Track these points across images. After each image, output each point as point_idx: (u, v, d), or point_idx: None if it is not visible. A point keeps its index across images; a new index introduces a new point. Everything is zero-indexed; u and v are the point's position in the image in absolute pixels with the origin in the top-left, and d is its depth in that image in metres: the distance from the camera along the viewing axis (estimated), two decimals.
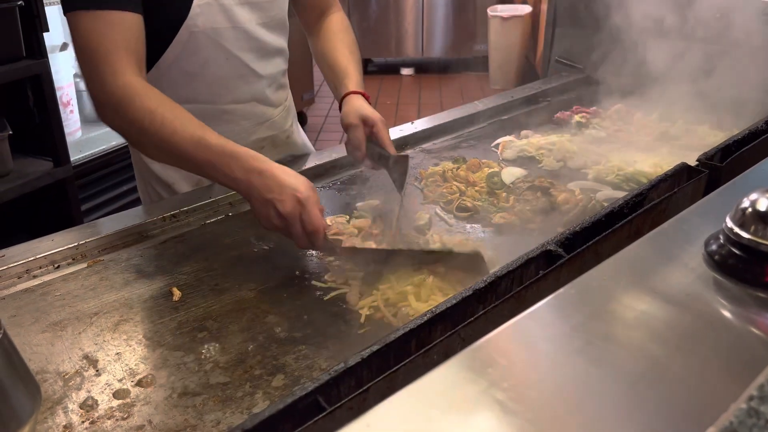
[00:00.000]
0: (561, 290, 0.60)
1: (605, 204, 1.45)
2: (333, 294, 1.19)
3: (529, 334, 0.55)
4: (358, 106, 1.48)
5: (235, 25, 1.44)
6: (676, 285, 0.61)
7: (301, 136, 1.86)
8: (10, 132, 2.67)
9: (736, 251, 0.62)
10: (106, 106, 1.25)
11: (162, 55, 1.41)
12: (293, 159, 1.78)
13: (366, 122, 1.45)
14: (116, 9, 1.23)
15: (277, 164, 1.18)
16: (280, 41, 1.59)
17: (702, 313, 0.57)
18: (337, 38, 1.65)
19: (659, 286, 0.61)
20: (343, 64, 1.59)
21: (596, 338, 0.53)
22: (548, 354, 0.52)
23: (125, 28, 1.24)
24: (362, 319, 1.12)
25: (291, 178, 1.15)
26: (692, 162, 1.21)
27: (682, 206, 1.15)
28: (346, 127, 1.47)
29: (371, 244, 1.31)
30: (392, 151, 1.45)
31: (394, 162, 1.45)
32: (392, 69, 6.97)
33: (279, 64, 1.63)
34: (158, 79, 1.42)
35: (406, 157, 1.49)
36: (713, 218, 0.75)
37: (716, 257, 0.65)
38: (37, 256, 1.31)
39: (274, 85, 1.64)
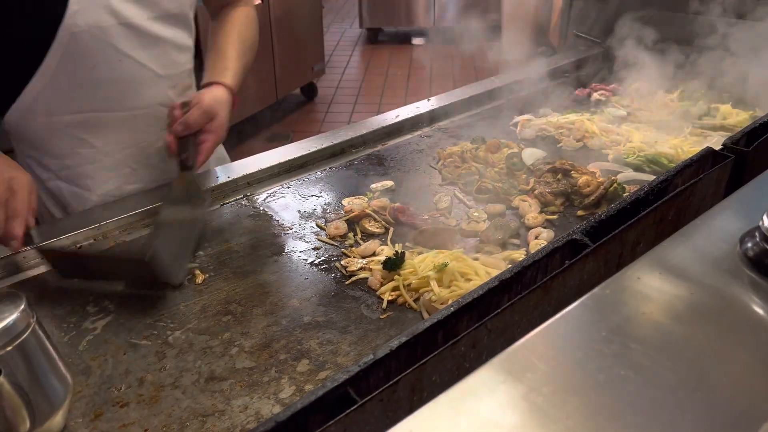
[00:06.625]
0: (596, 290, 0.60)
1: (626, 186, 1.44)
2: (354, 278, 1.20)
3: (565, 336, 0.56)
4: (216, 96, 1.39)
5: (122, 22, 1.29)
6: (711, 286, 0.61)
7: None
8: None
9: None
10: None
11: (42, 63, 1.26)
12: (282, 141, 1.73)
13: (207, 114, 1.37)
14: None
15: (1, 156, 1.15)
16: (181, 36, 1.44)
17: (740, 316, 0.56)
18: (234, 29, 1.53)
19: (693, 287, 0.61)
20: (228, 54, 1.48)
21: (633, 342, 0.53)
22: (586, 358, 0.52)
23: None
24: (384, 304, 1.12)
25: (10, 168, 1.12)
26: (714, 144, 1.19)
27: (708, 192, 1.14)
28: (200, 111, 1.36)
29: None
30: (199, 162, 1.38)
31: (187, 181, 1.37)
32: (403, 38, 6.88)
33: (182, 63, 1.48)
34: (43, 91, 1.29)
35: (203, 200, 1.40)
36: (746, 213, 0.74)
37: (752, 256, 0.64)
38: (60, 237, 1.32)
39: (178, 86, 1.48)
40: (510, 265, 0.83)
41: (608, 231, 0.92)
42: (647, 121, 1.82)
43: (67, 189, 1.44)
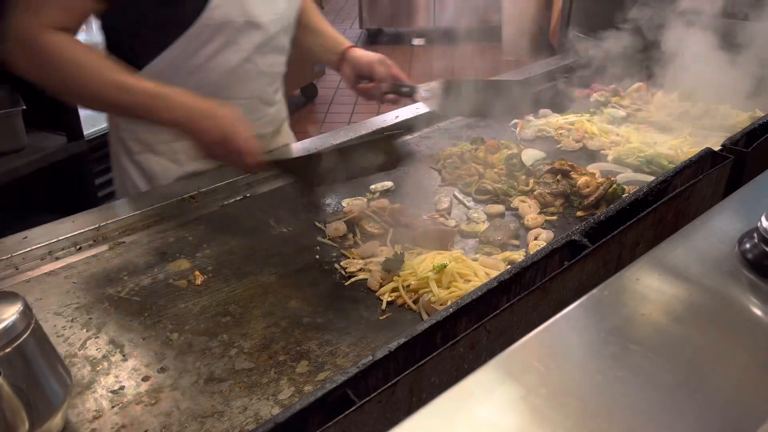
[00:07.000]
0: (594, 291, 0.60)
1: (626, 187, 1.44)
2: (353, 279, 1.20)
3: (564, 337, 0.56)
4: (362, 50, 1.67)
5: (249, 19, 1.40)
6: (710, 287, 0.61)
7: (288, 136, 1.80)
8: (24, 107, 2.66)
9: None
10: (23, 55, 1.23)
11: (168, 48, 1.37)
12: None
13: (384, 62, 1.64)
14: None
15: (208, 102, 1.27)
16: (285, 39, 1.55)
17: (739, 317, 0.56)
18: (311, 7, 1.69)
19: (692, 288, 0.61)
20: (324, 26, 1.70)
21: (632, 343, 0.53)
22: (585, 359, 0.52)
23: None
24: (383, 305, 1.12)
25: (225, 109, 1.27)
26: (713, 145, 1.19)
27: (707, 193, 1.14)
28: (378, 63, 1.63)
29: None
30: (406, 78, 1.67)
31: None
32: (403, 39, 6.88)
33: (281, 64, 1.60)
34: (160, 73, 1.37)
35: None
36: (745, 214, 0.74)
37: (750, 257, 0.64)
38: (59, 238, 1.32)
39: (274, 85, 1.61)
40: (509, 266, 0.83)
41: (607, 232, 0.91)
42: (647, 122, 1.82)
43: (157, 162, 1.53)
